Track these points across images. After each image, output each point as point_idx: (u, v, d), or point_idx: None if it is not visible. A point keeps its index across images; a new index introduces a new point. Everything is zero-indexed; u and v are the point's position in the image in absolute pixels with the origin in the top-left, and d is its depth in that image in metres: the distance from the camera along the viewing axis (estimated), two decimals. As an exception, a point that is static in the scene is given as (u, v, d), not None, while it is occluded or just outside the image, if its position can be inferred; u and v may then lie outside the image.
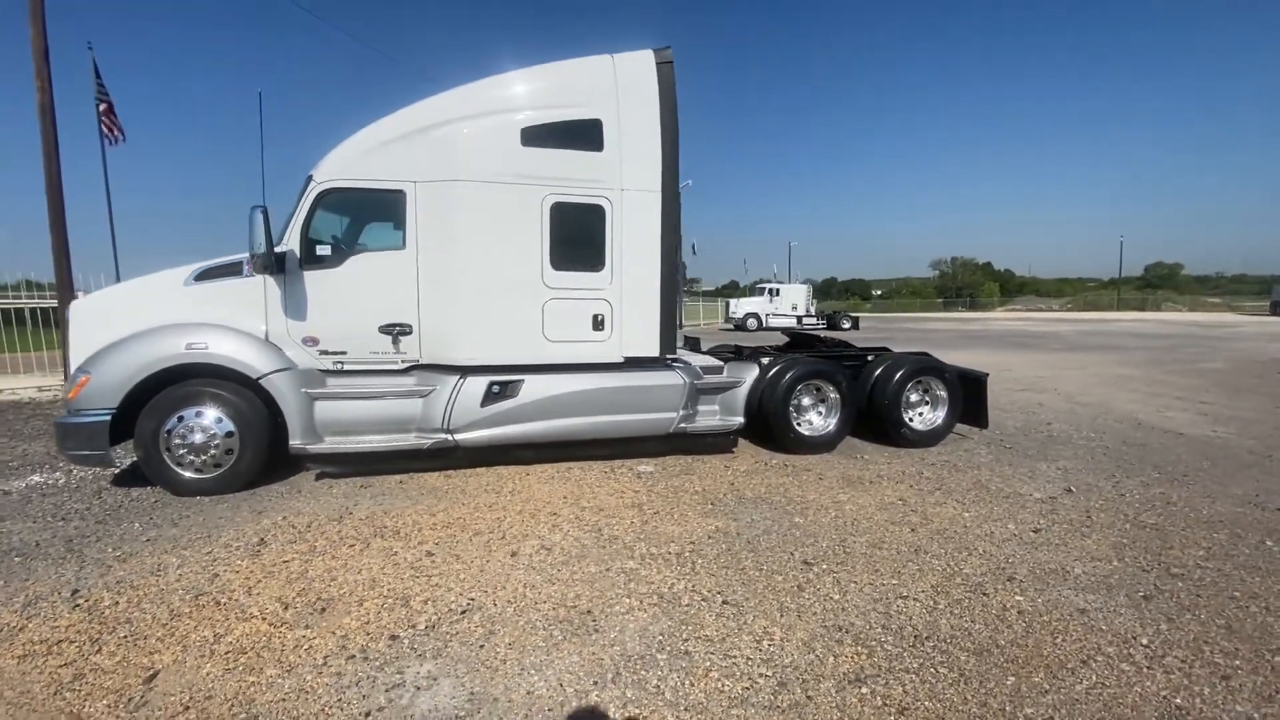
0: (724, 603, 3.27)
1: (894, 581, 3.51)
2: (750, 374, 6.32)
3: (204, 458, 4.95)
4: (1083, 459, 6.17)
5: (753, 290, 35.53)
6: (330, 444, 5.20)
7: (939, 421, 6.72)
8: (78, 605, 3.22)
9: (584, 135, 5.49)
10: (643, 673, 2.65)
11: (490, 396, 5.44)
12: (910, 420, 6.65)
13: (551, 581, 3.50)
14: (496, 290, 5.39)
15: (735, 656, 2.78)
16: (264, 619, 3.08)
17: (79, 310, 5.15)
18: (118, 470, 5.49)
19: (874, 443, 6.75)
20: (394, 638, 2.93)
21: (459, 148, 5.26)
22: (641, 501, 4.86)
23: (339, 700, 2.48)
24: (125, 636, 2.94)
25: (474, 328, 5.39)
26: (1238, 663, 2.74)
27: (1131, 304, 67.74)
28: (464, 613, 3.16)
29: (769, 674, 2.65)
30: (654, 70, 5.58)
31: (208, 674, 2.65)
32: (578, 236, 5.55)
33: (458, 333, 5.38)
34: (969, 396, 6.88)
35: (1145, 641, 2.90)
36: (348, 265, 5.25)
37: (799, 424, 6.37)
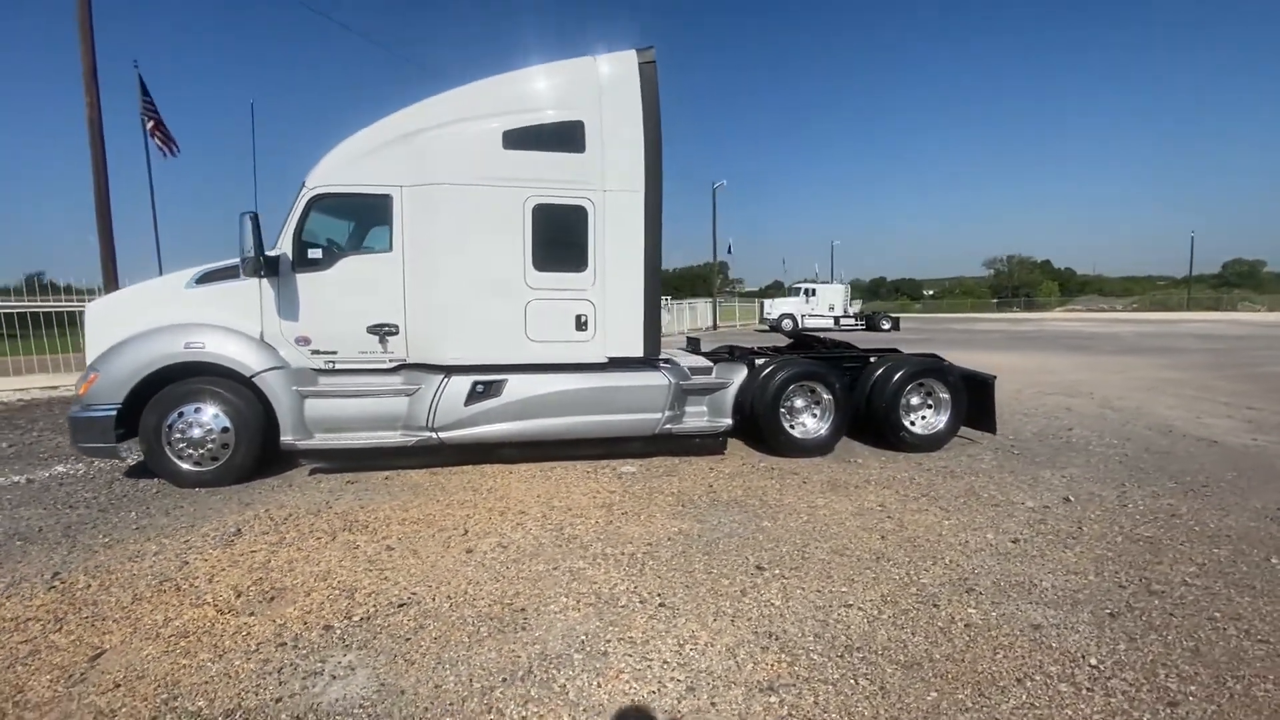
0: (660, 605, 3.24)
1: (844, 589, 3.41)
2: (739, 375, 6.23)
3: (202, 451, 5.22)
4: (1094, 467, 5.83)
5: (789, 291, 34.93)
6: (320, 440, 5.40)
7: (941, 426, 6.46)
8: (54, 587, 3.44)
9: (566, 137, 5.52)
10: (553, 672, 2.66)
11: (474, 396, 5.53)
12: (910, 424, 6.42)
13: (497, 579, 3.54)
14: (478, 291, 5.48)
15: (652, 659, 2.75)
16: (214, 606, 3.23)
17: (92, 311, 5.50)
18: (127, 462, 5.84)
19: (875, 447, 6.55)
20: (328, 628, 3.02)
21: (442, 152, 5.38)
22: (613, 502, 4.86)
23: (256, 686, 2.57)
24: (87, 617, 3.13)
25: (457, 328, 5.50)
26: (1192, 689, 2.54)
27: (1204, 304, 63.52)
28: (401, 606, 3.23)
29: (680, 678, 2.61)
30: (636, 71, 5.57)
31: (147, 655, 2.79)
32: (560, 237, 5.59)
33: (442, 333, 5.50)
34: (975, 400, 6.60)
35: (1094, 662, 2.72)
36: (337, 267, 5.43)
37: (791, 426, 6.24)
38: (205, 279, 5.42)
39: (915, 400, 6.52)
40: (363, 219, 5.75)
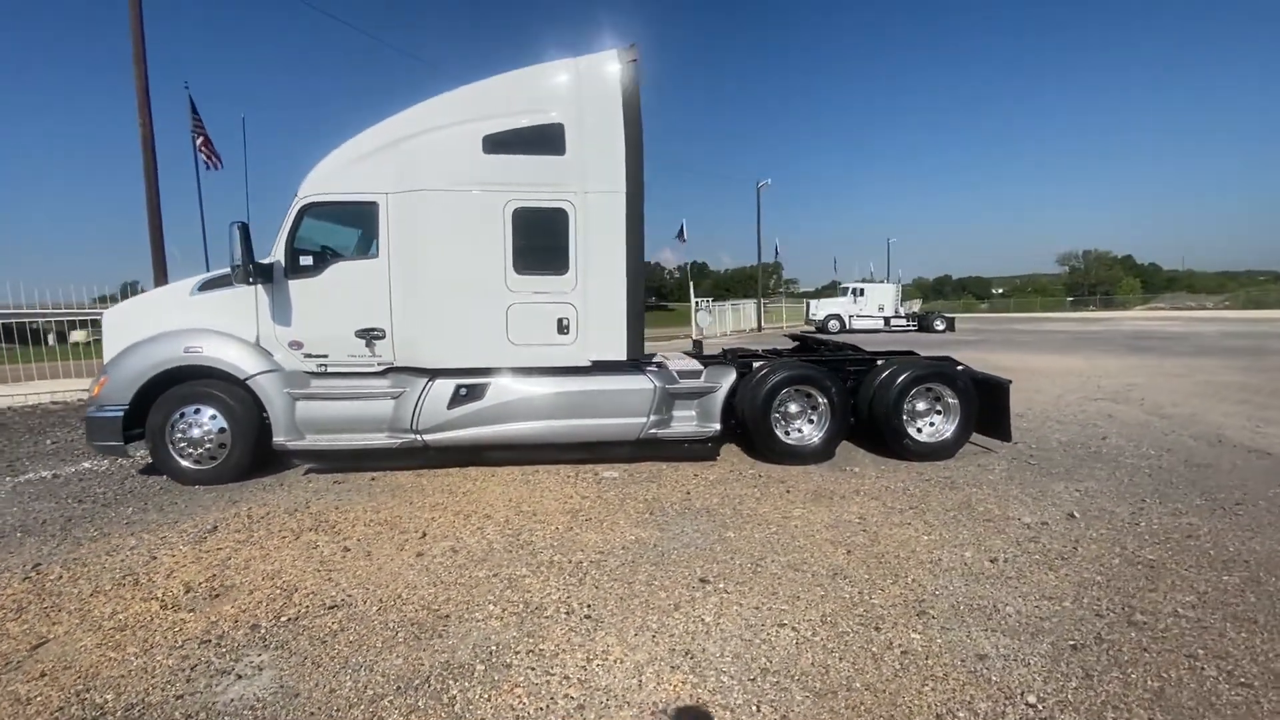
0: (585, 617, 3.15)
1: (784, 607, 3.22)
2: (728, 379, 6.04)
3: (201, 450, 5.48)
4: (1117, 480, 5.34)
5: (838, 291, 33.92)
6: (310, 441, 5.57)
7: (948, 433, 6.07)
8: (29, 578, 3.66)
9: (546, 140, 5.51)
10: (449, 682, 2.61)
11: (457, 399, 5.59)
12: (915, 431, 6.07)
13: (434, 584, 3.53)
14: (460, 295, 5.53)
15: (554, 674, 2.67)
16: (161, 601, 3.35)
17: (108, 318, 5.86)
18: (137, 460, 6.19)
19: (883, 455, 6.20)
20: (255, 627, 3.08)
21: (424, 158, 5.46)
22: (581, 508, 4.79)
23: (166, 682, 2.64)
24: (46, 607, 3.31)
25: (440, 331, 5.57)
26: (1140, 736, 2.26)
27: (1310, 300, 57.63)
28: (331, 608, 3.26)
29: (574, 696, 2.52)
30: (618, 71, 5.50)
31: (82, 646, 2.92)
32: (540, 241, 5.57)
33: (425, 336, 5.58)
34: (989, 406, 6.18)
35: (1032, 699, 2.46)
36: (327, 273, 5.60)
37: (786, 432, 6.01)
38: (206, 286, 5.69)
39: (921, 406, 6.15)
40: (351, 226, 5.91)
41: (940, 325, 29.95)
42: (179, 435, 5.45)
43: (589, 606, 3.25)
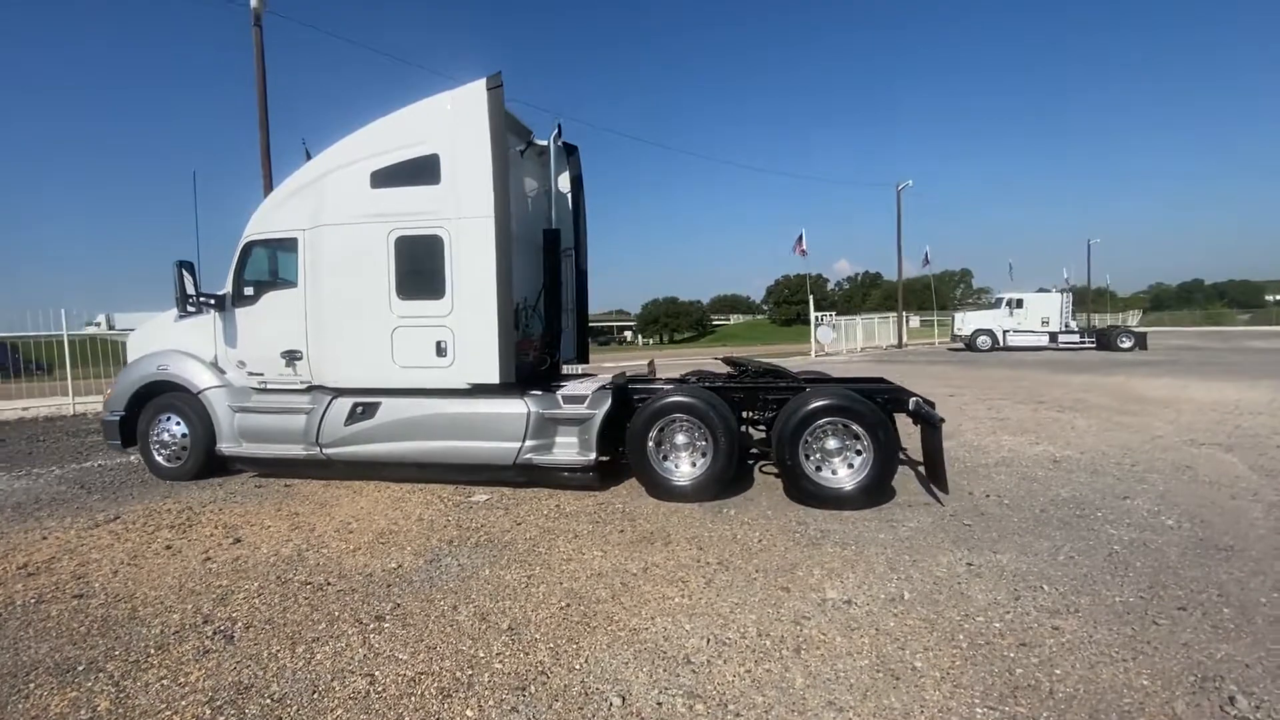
0: (219, 631, 3.24)
1: (402, 656, 3.01)
2: (604, 406, 5.69)
3: (169, 451, 6.55)
4: (1052, 556, 4.07)
5: (990, 303, 29.55)
6: (246, 449, 6.37)
7: (861, 478, 5.09)
8: (-50, 545, 4.70)
9: (423, 171, 5.74)
10: (98, 673, 2.88)
11: (353, 416, 6.01)
12: (815, 472, 5.19)
13: (179, 586, 3.87)
14: (352, 319, 5.96)
15: (146, 679, 2.81)
16: (-12, 575, 4.11)
17: (130, 338, 7.25)
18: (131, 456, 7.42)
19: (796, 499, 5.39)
20: (9, 602, 3.65)
21: (328, 196, 6.00)
22: (398, 530, 4.87)
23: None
24: (-74, 571, 4.23)
25: (338, 353, 6.05)
26: None
27: None
28: (77, 597, 3.74)
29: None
30: (484, 99, 5.56)
31: (-107, 606, 3.70)
32: (419, 267, 5.80)
33: (328, 357, 6.10)
34: (928, 449, 5.11)
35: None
36: (261, 301, 6.38)
37: (666, 466, 5.51)
38: (183, 315, 6.79)
39: (832, 444, 5.23)
40: (282, 260, 6.65)
41: (1126, 343, 24.70)
42: (154, 438, 6.58)
43: (233, 624, 3.35)
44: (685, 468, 5.49)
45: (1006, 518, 4.87)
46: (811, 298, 28.59)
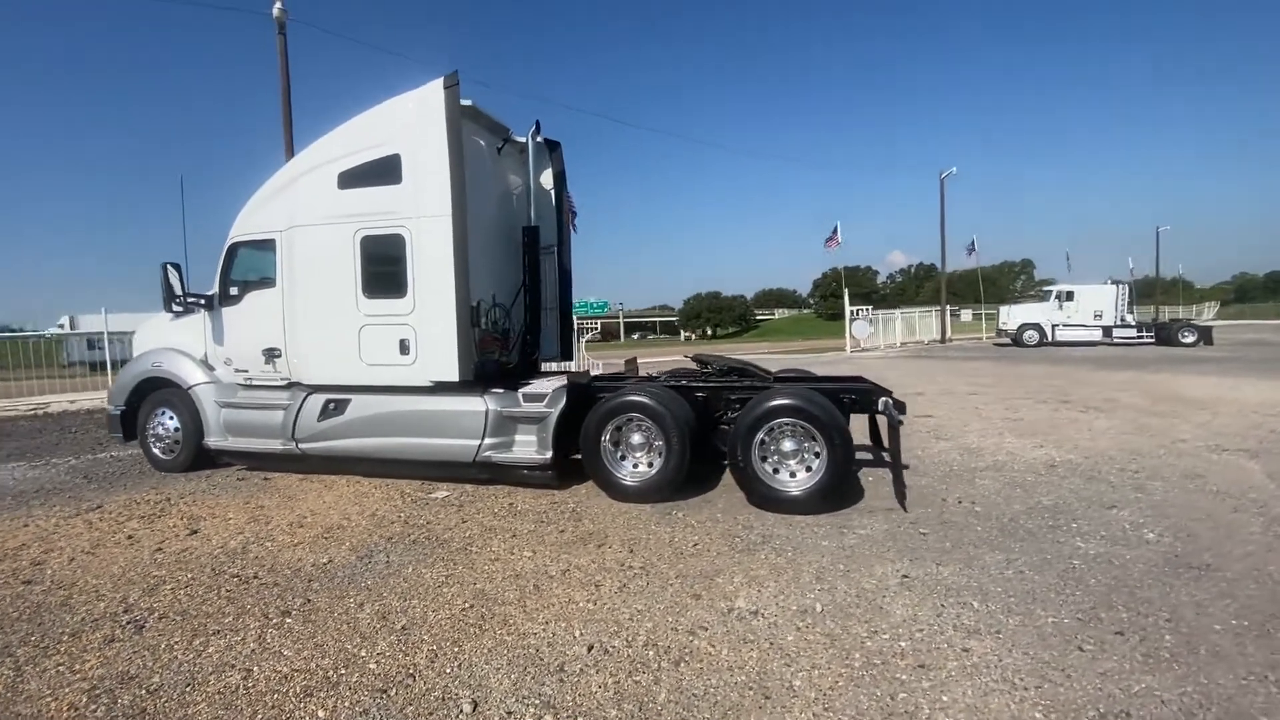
0: (131, 622, 3.35)
1: (288, 653, 3.05)
2: (559, 404, 5.63)
3: (164, 444, 6.88)
4: (998, 572, 3.80)
5: (1040, 295, 27.97)
6: (230, 443, 6.63)
7: (813, 482, 4.88)
8: (-56, 530, 5.05)
9: (386, 171, 5.81)
10: (18, 650, 3.06)
11: (325, 412, 6.17)
12: (772, 475, 5.00)
13: (123, 574, 4.05)
14: (324, 317, 6.11)
15: (80, 662, 2.95)
16: (-39, 559, 4.40)
17: (136, 335, 7.63)
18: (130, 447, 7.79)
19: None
20: (-39, 590, 3.90)
21: (300, 198, 6.17)
22: (348, 526, 4.95)
23: None
24: (-86, 554, 4.56)
25: (310, 351, 6.21)
26: None
27: None
28: (26, 583, 3.96)
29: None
30: (441, 98, 5.57)
31: None
32: (383, 266, 5.89)
33: (303, 355, 6.27)
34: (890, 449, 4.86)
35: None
36: (244, 301, 6.62)
37: (622, 466, 5.43)
38: (175, 314, 7.10)
39: (789, 445, 5.04)
40: (263, 261, 6.84)
41: (1188, 337, 23.00)
42: (151, 431, 6.92)
43: (149, 615, 3.47)
44: (641, 468, 5.39)
45: (969, 527, 4.57)
46: (846, 291, 27.78)
